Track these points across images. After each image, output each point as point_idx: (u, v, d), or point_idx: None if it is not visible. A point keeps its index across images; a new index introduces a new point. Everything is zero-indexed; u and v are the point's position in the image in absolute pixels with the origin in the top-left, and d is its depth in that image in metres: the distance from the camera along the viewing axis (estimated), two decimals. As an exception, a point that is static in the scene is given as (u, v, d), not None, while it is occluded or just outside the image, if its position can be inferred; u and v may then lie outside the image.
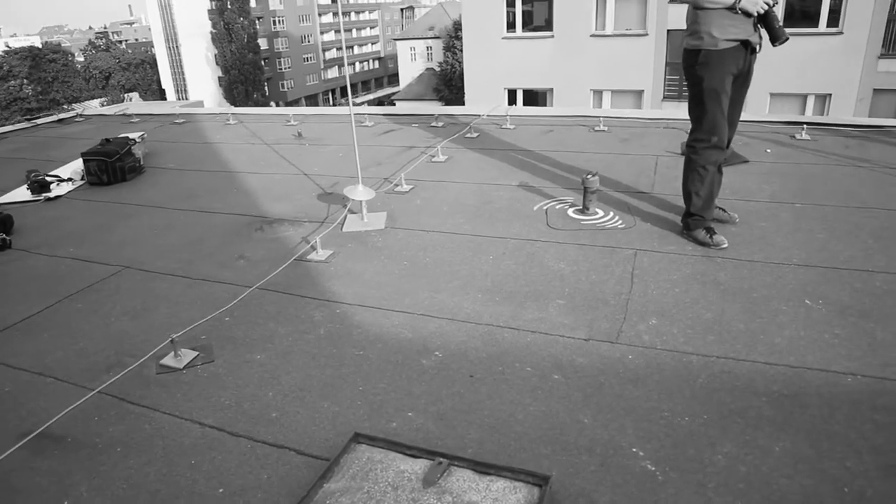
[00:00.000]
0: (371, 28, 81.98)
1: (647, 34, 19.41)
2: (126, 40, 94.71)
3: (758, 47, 3.52)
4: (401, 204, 4.51)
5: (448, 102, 47.58)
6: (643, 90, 19.49)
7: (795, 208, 4.04)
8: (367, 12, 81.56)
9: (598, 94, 20.63)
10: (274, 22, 66.52)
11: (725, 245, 3.49)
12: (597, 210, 4.03)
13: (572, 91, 20.53)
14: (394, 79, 71.27)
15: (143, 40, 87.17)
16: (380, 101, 73.09)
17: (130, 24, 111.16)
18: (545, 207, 4.20)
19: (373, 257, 3.68)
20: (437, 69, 51.82)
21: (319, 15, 72.68)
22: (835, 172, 4.69)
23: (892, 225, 3.74)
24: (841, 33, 17.91)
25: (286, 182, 5.30)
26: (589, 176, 3.91)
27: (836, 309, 2.85)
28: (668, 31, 19.13)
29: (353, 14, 78.98)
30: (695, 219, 3.60)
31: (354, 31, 78.92)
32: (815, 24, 18.20)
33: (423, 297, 3.16)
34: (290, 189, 5.10)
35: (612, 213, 4.02)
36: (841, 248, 3.46)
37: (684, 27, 3.66)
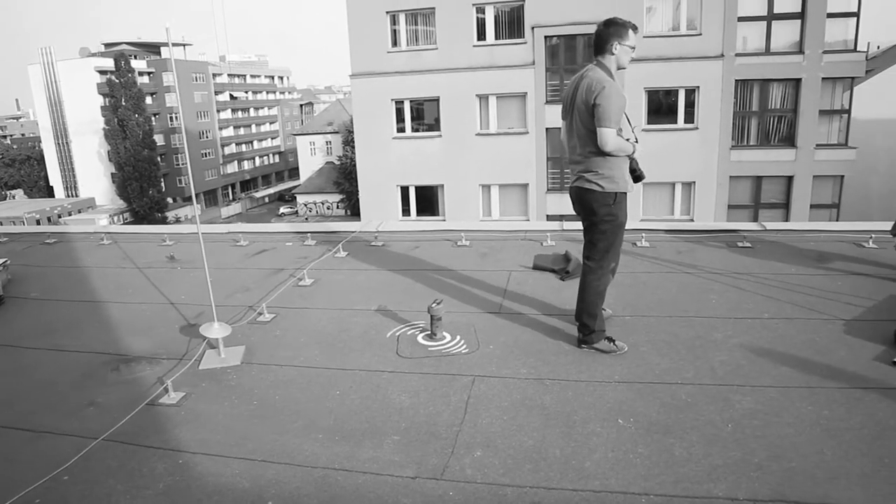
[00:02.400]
0: (271, 123, 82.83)
1: (527, 132, 20.69)
2: (11, 135, 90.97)
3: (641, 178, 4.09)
4: (261, 335, 4.60)
5: (348, 195, 48.24)
6: (528, 183, 20.60)
7: (625, 321, 4.43)
8: (266, 108, 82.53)
9: (487, 188, 21.59)
10: (171, 118, 66.07)
11: (626, 349, 3.92)
12: (444, 335, 4.27)
13: (462, 186, 21.43)
14: (294, 172, 71.76)
15: (31, 135, 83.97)
16: (280, 195, 73.12)
17: (17, 118, 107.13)
18: (398, 334, 4.41)
19: (224, 398, 3.73)
20: (337, 163, 52.73)
21: (218, 111, 72.89)
22: (665, 280, 5.20)
23: (704, 334, 4.18)
24: (696, 128, 19.73)
25: (150, 313, 5.28)
26: (434, 304, 4.17)
27: (644, 426, 3.15)
28: (547, 129, 20.49)
29: (252, 110, 79.69)
30: (596, 333, 3.96)
31: (254, 126, 79.47)
32: (675, 120, 19.98)
33: (267, 441, 3.24)
34: (154, 321, 5.08)
35: (458, 337, 4.27)
36: (658, 360, 3.83)
37: (560, 124, 4.12)
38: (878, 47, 41.62)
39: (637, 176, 3.98)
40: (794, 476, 2.76)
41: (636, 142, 3.90)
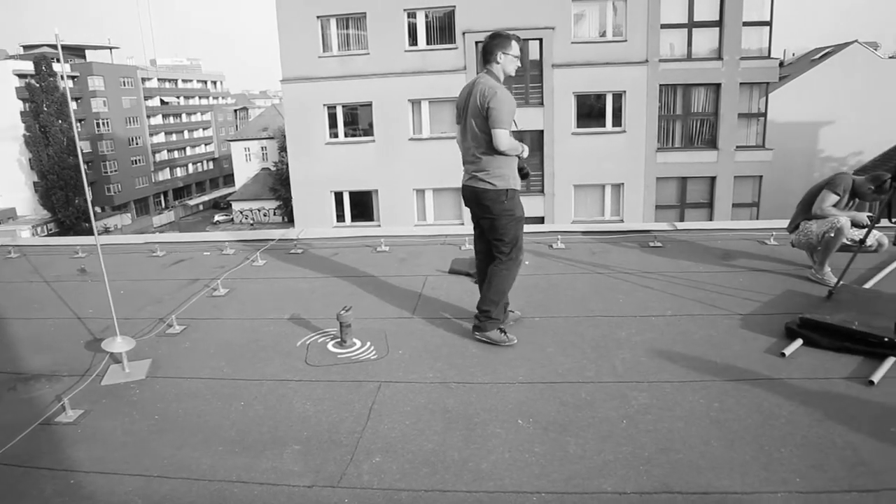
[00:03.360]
0: (204, 129, 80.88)
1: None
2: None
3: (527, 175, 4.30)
4: (169, 348, 4.49)
5: (285, 202, 47.46)
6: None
7: (535, 322, 4.52)
8: (199, 113, 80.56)
9: (421, 192, 21.63)
10: (98, 124, 63.68)
11: (516, 342, 4.13)
12: (355, 341, 4.26)
13: (396, 191, 21.42)
14: (229, 179, 70.12)
15: (-57, 148, 79.62)
16: (215, 203, 71.42)
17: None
18: (308, 342, 4.37)
19: (124, 414, 3.63)
20: (273, 169, 51.86)
21: (148, 117, 70.73)
22: (576, 281, 5.32)
23: (610, 332, 4.30)
24: (624, 132, 20.27)
25: (55, 328, 5.08)
26: (343, 311, 4.16)
27: (542, 426, 3.22)
28: (479, 132, 20.60)
29: (184, 115, 77.66)
30: (492, 321, 4.15)
31: (187, 132, 77.44)
32: (604, 123, 20.48)
33: (164, 456, 3.16)
34: (58, 337, 4.89)
35: (368, 344, 4.27)
36: (562, 360, 3.93)
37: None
38: (794, 54, 43.79)
39: (524, 174, 4.20)
40: (680, 467, 2.87)
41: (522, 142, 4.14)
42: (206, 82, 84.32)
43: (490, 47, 4.02)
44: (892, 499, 2.67)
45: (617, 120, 20.54)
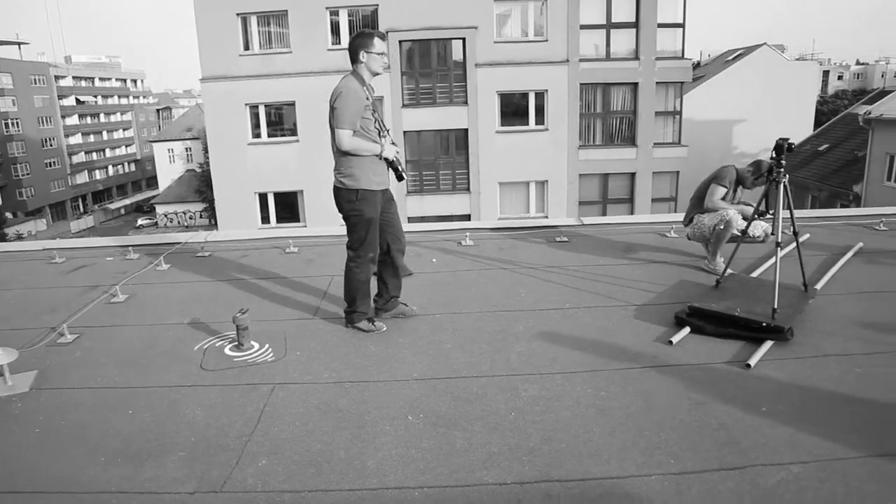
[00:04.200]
0: (124, 130, 77.88)
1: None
2: None
3: (403, 177, 4.33)
4: (58, 358, 4.30)
5: (212, 204, 46.21)
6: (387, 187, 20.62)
7: (436, 319, 4.56)
8: (119, 113, 77.50)
9: (347, 192, 21.38)
10: (7, 124, 60.42)
11: (385, 329, 4.29)
12: (252, 344, 4.20)
13: (323, 192, 21.14)
14: (153, 181, 67.72)
15: None
16: (138, 206, 68.95)
17: None
18: (205, 347, 4.28)
19: (2, 428, 3.46)
20: (199, 170, 50.42)
21: (63, 117, 67.61)
22: (480, 277, 5.40)
23: (508, 327, 4.38)
24: (547, 130, 20.64)
25: (-65, 341, 4.80)
26: (239, 314, 4.09)
27: (432, 421, 3.25)
28: (405, 132, 20.68)
29: (103, 115, 74.58)
30: (357, 314, 4.31)
31: (106, 133, 74.38)
32: (527, 122, 20.81)
33: (42, 470, 3.04)
34: (-63, 350, 4.62)
35: (267, 346, 4.21)
36: (459, 355, 3.98)
37: (419, 129, 4.43)
38: (709, 56, 45.61)
39: (399, 175, 4.27)
40: (562, 456, 2.95)
41: (393, 143, 4.24)
42: (125, 81, 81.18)
43: (353, 47, 4.08)
44: (757, 473, 2.82)
45: (540, 118, 20.92)
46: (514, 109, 21.20)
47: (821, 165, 28.97)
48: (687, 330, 4.25)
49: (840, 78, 74.06)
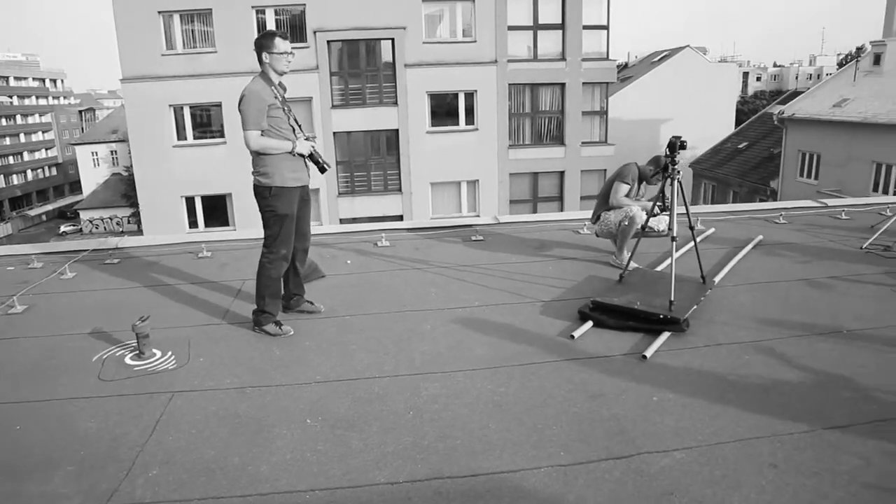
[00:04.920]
0: (44, 132, 74.47)
1: (315, 136, 20.50)
2: None
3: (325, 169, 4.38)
4: (-56, 372, 4.10)
5: (138, 208, 44.69)
6: (318, 188, 20.47)
7: (345, 320, 4.56)
8: (37, 115, 74.06)
9: (277, 194, 21.06)
10: None
11: (292, 333, 4.28)
12: (154, 352, 4.10)
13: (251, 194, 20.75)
14: (76, 186, 64.98)
15: None
16: (61, 212, 66.07)
17: None
18: (105, 357, 4.15)
19: None
20: (125, 174, 48.64)
21: (-25, 119, 64.20)
22: (393, 278, 5.42)
23: (415, 326, 4.42)
24: (477, 129, 20.84)
25: None
26: (139, 321, 3.99)
27: (330, 424, 3.25)
28: (335, 133, 20.53)
29: (19, 116, 71.12)
30: (265, 315, 4.29)
31: (23, 135, 70.94)
32: (457, 122, 20.95)
33: (-86, 492, 2.90)
34: None
35: (169, 353, 4.12)
36: (363, 356, 3.99)
37: (349, 130, 4.43)
38: (636, 57, 46.93)
39: (320, 167, 4.36)
40: (456, 453, 3.00)
41: (307, 139, 4.34)
42: (44, 80, 77.64)
43: (256, 49, 4.16)
44: (642, 461, 2.94)
45: (470, 118, 21.10)
46: (444, 110, 21.31)
47: (741, 162, 30.23)
48: (589, 324, 4.37)
49: (758, 79, 77.50)
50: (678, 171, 4.64)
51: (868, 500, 2.71)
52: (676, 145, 4.59)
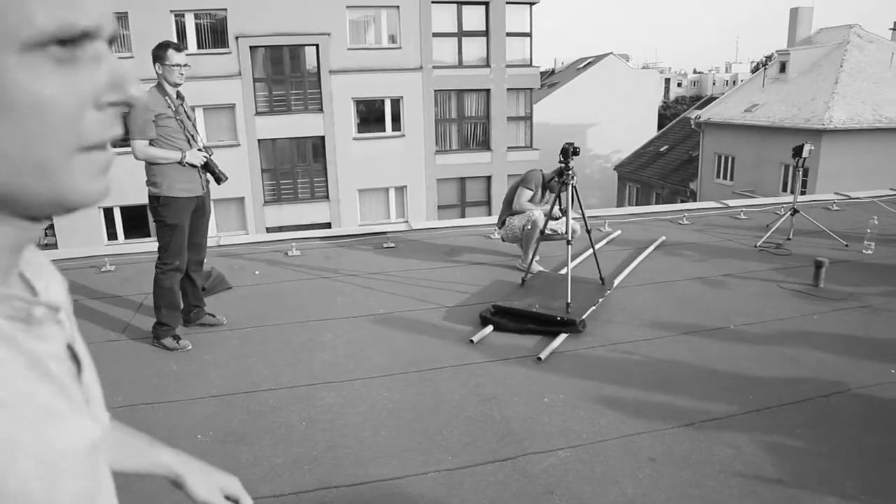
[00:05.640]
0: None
1: (239, 144, 20.17)
2: None
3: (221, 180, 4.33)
4: None
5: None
6: (243, 197, 20.09)
7: (247, 332, 4.50)
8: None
9: (199, 203, 20.54)
10: None
11: (190, 347, 4.21)
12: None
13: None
14: (-12, 197, 61.41)
15: None
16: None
17: None
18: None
19: None
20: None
21: None
22: (300, 287, 5.38)
23: (317, 336, 4.40)
24: (404, 136, 20.88)
25: None
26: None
27: (220, 438, 3.21)
28: (259, 140, 20.19)
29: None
30: (164, 328, 4.23)
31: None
32: (384, 128, 20.94)
33: None
34: None
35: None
36: (261, 368, 3.94)
37: (274, 137, 4.27)
38: (563, 63, 47.98)
39: (217, 178, 4.35)
40: (345, 462, 3.01)
41: (202, 150, 4.28)
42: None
43: (152, 59, 4.12)
44: (527, 462, 3.01)
45: (396, 125, 21.11)
46: (370, 116, 21.27)
47: (662, 165, 31.29)
48: (490, 328, 4.45)
49: (679, 85, 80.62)
50: (572, 177, 4.78)
51: (735, 486, 2.87)
52: (570, 151, 4.73)
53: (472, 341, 4.26)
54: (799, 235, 6.84)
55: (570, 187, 4.77)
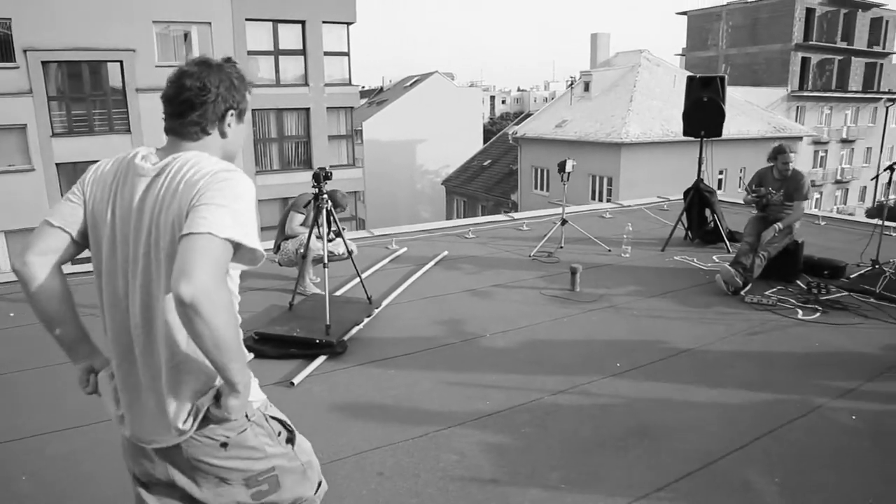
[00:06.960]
0: None
1: (34, 169, 18.50)
2: None
3: None
4: None
5: None
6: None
7: None
8: None
9: (-5, 234, 18.64)
10: None
11: None
12: None
13: (-48, 236, 18.10)
14: None
15: None
16: None
17: None
18: None
19: None
20: None
21: None
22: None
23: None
24: (220, 156, 20.03)
25: None
26: None
27: None
28: (58, 164, 18.66)
29: None
30: None
31: None
32: (199, 148, 19.97)
33: None
34: None
35: None
36: None
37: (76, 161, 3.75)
38: (391, 81, 48.80)
39: None
40: (54, 512, 2.86)
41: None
42: None
43: None
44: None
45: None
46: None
47: (486, 178, 32.77)
48: (251, 356, 4.42)
49: (504, 102, 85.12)
50: (325, 200, 4.91)
51: (453, 490, 3.07)
52: (321, 176, 4.85)
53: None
54: (570, 243, 7.47)
55: (324, 210, 4.89)
